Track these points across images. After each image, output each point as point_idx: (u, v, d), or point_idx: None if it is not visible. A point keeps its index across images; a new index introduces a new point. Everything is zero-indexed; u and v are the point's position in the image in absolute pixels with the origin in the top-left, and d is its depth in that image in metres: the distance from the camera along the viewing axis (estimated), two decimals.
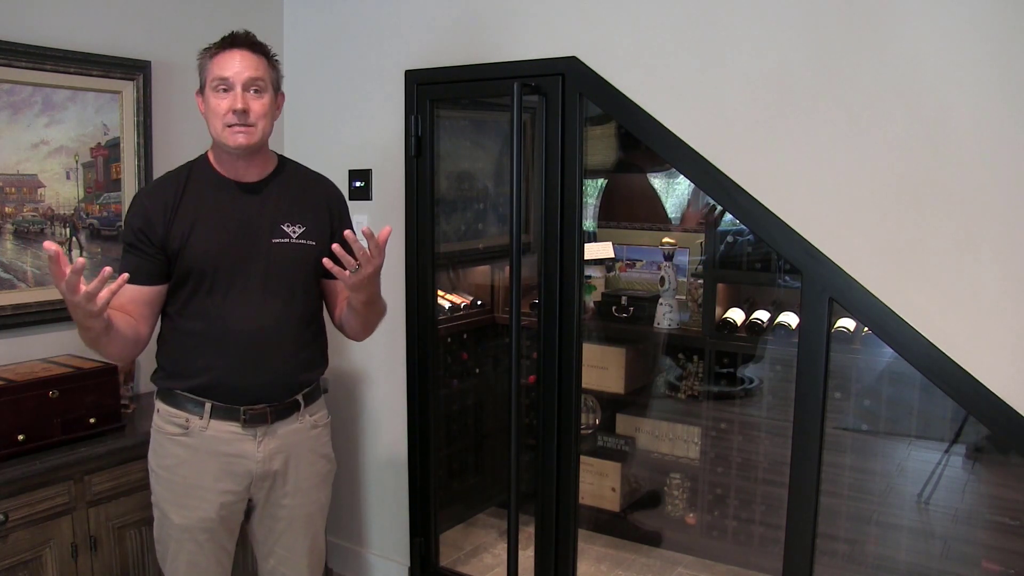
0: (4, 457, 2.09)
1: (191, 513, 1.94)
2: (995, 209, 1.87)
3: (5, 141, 2.37)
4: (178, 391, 1.93)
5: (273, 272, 1.92)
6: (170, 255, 1.89)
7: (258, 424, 1.93)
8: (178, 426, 1.93)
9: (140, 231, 1.88)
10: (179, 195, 1.91)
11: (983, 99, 1.86)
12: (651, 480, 3.45)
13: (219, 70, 1.85)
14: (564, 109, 2.43)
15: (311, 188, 2.03)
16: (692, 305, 3.44)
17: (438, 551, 2.98)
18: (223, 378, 1.90)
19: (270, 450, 1.95)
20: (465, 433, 3.58)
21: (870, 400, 2.96)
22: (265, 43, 1.93)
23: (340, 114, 3.01)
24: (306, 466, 2.03)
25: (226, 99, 1.84)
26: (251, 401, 1.92)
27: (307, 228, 1.96)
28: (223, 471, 1.93)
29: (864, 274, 2.03)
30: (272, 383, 1.93)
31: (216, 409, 1.91)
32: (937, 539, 2.84)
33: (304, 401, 2.01)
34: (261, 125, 1.88)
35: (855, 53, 2.00)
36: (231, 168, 1.94)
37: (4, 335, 2.40)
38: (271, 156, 2.01)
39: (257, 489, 1.99)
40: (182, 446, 1.93)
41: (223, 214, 1.91)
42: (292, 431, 1.99)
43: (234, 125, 1.85)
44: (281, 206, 1.96)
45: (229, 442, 1.92)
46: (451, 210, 3.41)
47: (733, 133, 2.19)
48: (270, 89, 1.90)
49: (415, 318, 2.85)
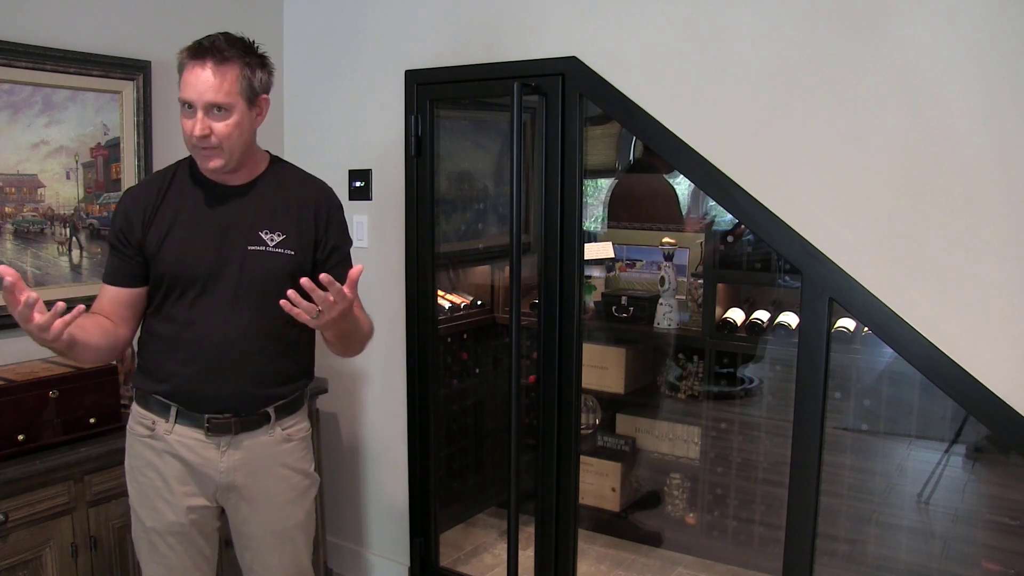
0: (4, 457, 2.08)
1: (160, 517, 1.90)
2: (995, 209, 1.87)
3: (5, 141, 2.37)
4: (148, 393, 1.90)
5: (245, 281, 1.84)
6: (147, 257, 1.85)
7: (222, 434, 1.87)
8: (146, 428, 1.90)
9: (120, 232, 1.86)
10: (160, 197, 1.86)
11: (983, 99, 1.86)
12: (651, 480, 3.45)
13: (184, 89, 1.76)
14: (564, 109, 2.42)
15: (300, 193, 1.93)
16: (692, 305, 3.44)
17: (438, 551, 2.98)
18: (186, 385, 1.85)
19: (234, 461, 1.89)
20: (465, 433, 3.58)
21: (870, 400, 2.96)
22: (244, 42, 1.81)
23: (340, 114, 3.00)
24: (275, 481, 1.94)
25: (190, 120, 1.76)
26: (215, 410, 1.86)
27: (287, 236, 1.87)
28: (186, 476, 1.89)
29: (864, 274, 2.03)
30: (237, 395, 1.86)
31: (181, 414, 1.86)
32: (937, 539, 2.84)
33: (276, 414, 1.92)
34: (228, 146, 1.78)
35: (855, 53, 2.00)
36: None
37: (4, 335, 2.40)
38: (261, 157, 1.94)
39: (224, 500, 1.94)
40: (149, 448, 1.90)
41: (201, 218, 1.85)
42: (259, 444, 1.91)
43: (201, 149, 1.78)
44: (263, 212, 1.87)
45: (192, 448, 1.87)
46: (451, 210, 3.41)
47: (733, 133, 2.19)
48: (239, 105, 1.77)
49: (415, 318, 2.85)
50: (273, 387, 1.91)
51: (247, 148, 1.85)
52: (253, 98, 1.81)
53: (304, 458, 2.02)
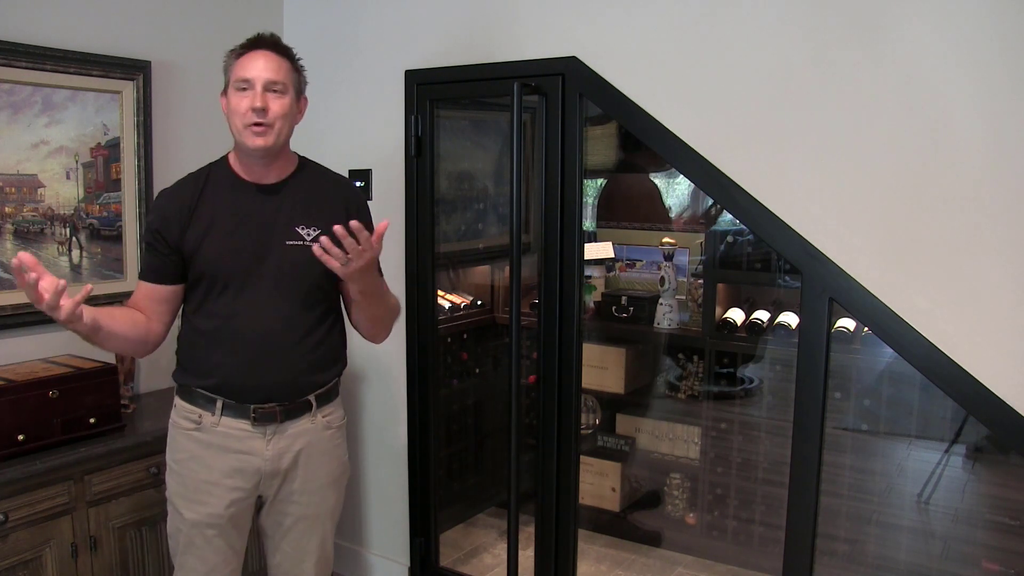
0: (4, 457, 2.09)
1: (201, 508, 1.95)
2: (996, 209, 1.87)
3: (5, 141, 2.37)
4: (193, 387, 1.96)
5: (286, 274, 1.93)
6: (185, 256, 1.92)
7: (268, 423, 1.95)
8: (191, 421, 1.96)
9: (157, 232, 1.93)
10: (197, 197, 1.94)
11: (983, 98, 1.86)
12: (651, 480, 3.45)
13: (241, 71, 1.87)
14: (564, 109, 2.42)
15: (330, 190, 2.04)
16: (692, 305, 3.44)
17: (438, 551, 2.98)
18: (232, 377, 1.92)
19: (279, 448, 1.97)
20: (465, 433, 3.58)
21: (870, 400, 2.96)
22: (290, 47, 1.95)
23: (340, 114, 3.00)
24: (317, 466, 2.03)
25: (246, 98, 1.86)
26: (261, 400, 1.93)
27: (322, 230, 1.94)
28: (233, 467, 1.95)
29: (864, 274, 2.03)
30: (281, 384, 1.94)
31: (227, 406, 1.94)
32: (937, 539, 2.84)
33: (317, 401, 2.01)
34: (278, 126, 1.88)
35: (855, 53, 2.00)
36: (250, 170, 1.96)
37: (4, 335, 2.40)
38: (292, 158, 2.02)
39: (266, 487, 2.00)
40: (194, 441, 1.96)
41: (239, 217, 1.93)
42: (304, 430, 1.99)
43: (252, 125, 1.86)
44: (297, 208, 1.97)
45: (239, 439, 1.94)
46: (451, 210, 3.41)
47: (733, 133, 2.18)
48: (291, 92, 1.91)
49: (415, 318, 2.85)
50: (313, 374, 1.99)
51: (288, 138, 1.95)
52: (299, 93, 1.97)
53: (341, 446, 2.12)
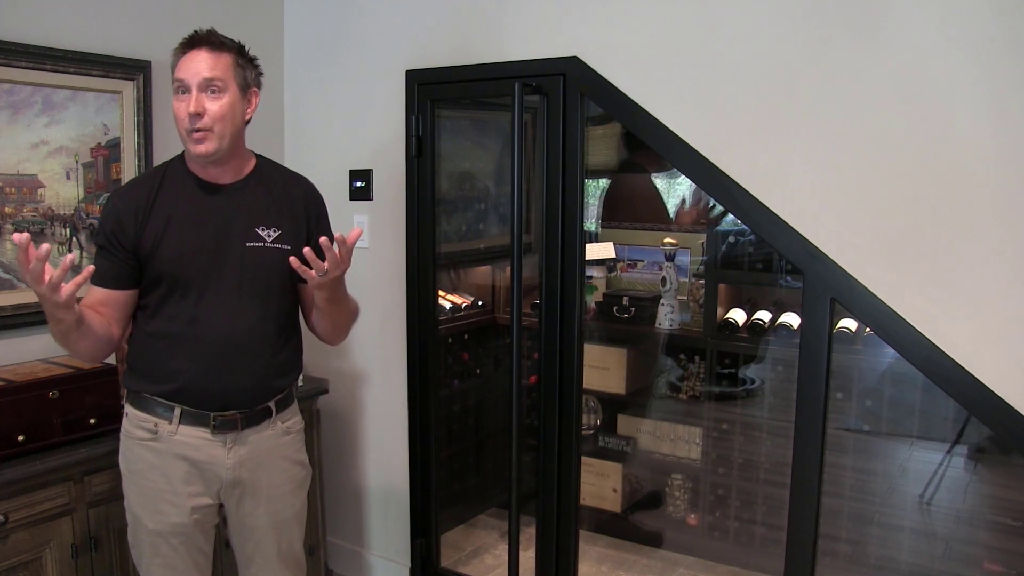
0: (4, 457, 2.08)
1: (164, 519, 1.91)
2: (996, 209, 1.87)
3: (5, 141, 2.37)
4: (147, 395, 1.89)
5: (248, 276, 1.88)
6: (141, 259, 1.85)
7: (228, 431, 1.90)
8: (147, 431, 1.90)
9: (112, 234, 1.85)
10: (152, 197, 1.87)
11: (984, 98, 1.86)
12: (652, 481, 3.45)
13: (177, 71, 1.81)
14: (565, 109, 2.42)
15: (289, 190, 1.99)
16: (693, 305, 3.43)
17: (439, 552, 2.98)
18: (193, 383, 1.86)
19: (240, 457, 1.92)
20: (466, 434, 3.57)
21: (872, 401, 2.95)
22: (234, 40, 1.86)
23: (341, 114, 3.00)
24: (278, 473, 2.00)
25: (184, 102, 1.78)
26: (221, 407, 1.88)
27: (282, 232, 1.92)
28: (192, 476, 1.90)
29: (866, 274, 2.02)
30: (244, 389, 1.90)
31: (185, 414, 1.87)
32: (939, 540, 2.83)
33: (276, 408, 1.97)
34: (219, 129, 1.80)
35: (855, 53, 2.00)
36: (205, 171, 1.90)
37: (4, 335, 2.40)
38: (248, 156, 1.96)
39: (227, 496, 1.96)
40: (150, 451, 1.90)
41: (197, 217, 1.87)
42: (263, 438, 1.95)
43: (193, 131, 1.79)
44: (257, 209, 1.91)
45: (198, 447, 1.89)
46: (452, 210, 3.41)
47: (734, 133, 2.18)
48: (232, 88, 1.81)
49: (416, 318, 2.85)
50: (276, 378, 1.97)
51: (237, 138, 1.87)
52: (245, 87, 1.86)
53: (301, 450, 2.09)
